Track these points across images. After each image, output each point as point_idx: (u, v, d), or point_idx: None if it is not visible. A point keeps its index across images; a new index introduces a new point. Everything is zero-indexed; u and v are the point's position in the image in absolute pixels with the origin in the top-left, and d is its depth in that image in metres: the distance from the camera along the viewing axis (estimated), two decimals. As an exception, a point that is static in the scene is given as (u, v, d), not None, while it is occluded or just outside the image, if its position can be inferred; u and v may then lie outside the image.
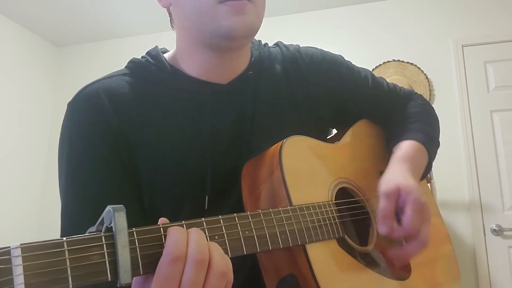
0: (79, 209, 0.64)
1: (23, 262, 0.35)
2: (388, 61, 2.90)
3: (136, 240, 0.42)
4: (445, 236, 0.91)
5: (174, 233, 0.43)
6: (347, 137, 0.84)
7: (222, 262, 0.44)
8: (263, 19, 0.70)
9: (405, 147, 0.80)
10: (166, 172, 0.67)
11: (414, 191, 0.68)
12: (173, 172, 0.67)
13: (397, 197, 0.69)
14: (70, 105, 0.69)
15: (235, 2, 0.62)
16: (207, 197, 0.67)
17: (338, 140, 0.82)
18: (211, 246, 0.45)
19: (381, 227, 0.66)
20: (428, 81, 2.80)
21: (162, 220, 0.47)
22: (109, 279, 0.39)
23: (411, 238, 0.67)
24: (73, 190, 0.65)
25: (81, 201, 0.64)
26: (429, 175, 2.31)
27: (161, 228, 0.44)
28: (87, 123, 0.65)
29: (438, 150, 0.89)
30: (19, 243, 0.35)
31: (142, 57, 0.74)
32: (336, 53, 0.88)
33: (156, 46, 0.76)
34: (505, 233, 2.50)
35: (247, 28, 0.64)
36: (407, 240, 0.68)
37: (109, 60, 3.35)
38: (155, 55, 0.73)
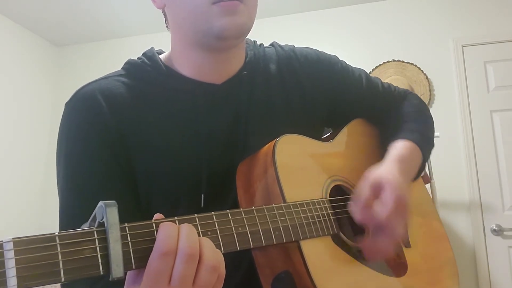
0: (76, 208, 0.64)
1: (15, 255, 0.35)
2: (388, 61, 2.91)
3: (128, 235, 0.42)
4: (442, 234, 0.91)
5: (164, 228, 0.44)
6: (342, 135, 0.84)
7: (213, 256, 0.45)
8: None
9: (399, 147, 0.79)
10: (162, 172, 0.67)
11: (398, 187, 0.67)
12: (169, 172, 0.67)
13: (379, 190, 0.67)
14: (67, 105, 0.69)
15: (227, 2, 0.63)
16: (203, 195, 0.67)
17: (333, 139, 0.82)
18: (201, 241, 0.45)
19: (355, 212, 0.66)
20: (428, 81, 2.80)
21: (157, 216, 0.47)
22: (101, 273, 0.39)
23: (383, 230, 0.65)
24: (71, 190, 0.65)
25: (78, 200, 0.64)
26: (429, 175, 2.31)
27: (154, 224, 0.45)
28: (84, 123, 0.66)
29: (438, 150, 0.89)
30: (11, 237, 0.36)
31: (138, 58, 0.75)
32: (333, 53, 0.88)
33: (152, 48, 0.76)
34: (505, 233, 2.50)
35: (238, 28, 0.65)
36: (379, 231, 0.66)
37: (109, 60, 3.36)
38: (150, 56, 0.73)
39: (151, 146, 0.67)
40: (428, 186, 2.24)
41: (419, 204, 0.91)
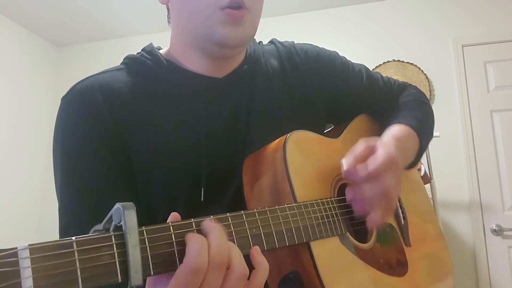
0: (76, 205, 0.63)
1: (31, 264, 0.33)
2: (388, 61, 2.91)
3: (146, 239, 0.40)
4: (439, 233, 0.92)
5: (194, 243, 0.41)
6: (347, 132, 0.83)
7: (242, 264, 0.44)
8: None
9: (394, 129, 0.78)
10: (161, 167, 0.66)
11: (391, 150, 0.65)
12: (168, 167, 0.66)
13: (372, 151, 0.66)
14: (64, 100, 0.68)
15: (233, 11, 0.63)
16: (203, 189, 0.66)
17: (338, 136, 0.81)
18: (230, 247, 0.44)
19: (345, 164, 0.64)
20: (428, 81, 2.80)
21: (173, 216, 0.45)
22: (120, 280, 0.37)
23: (373, 181, 0.63)
24: (69, 187, 0.64)
25: (77, 197, 0.63)
26: (429, 175, 2.31)
27: (171, 227, 0.43)
28: (81, 119, 0.65)
29: (438, 150, 0.88)
30: (27, 244, 0.34)
31: (137, 53, 0.73)
32: (331, 50, 0.88)
33: (151, 43, 0.75)
34: (505, 233, 2.51)
35: (240, 39, 0.65)
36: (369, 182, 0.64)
37: (109, 60, 3.31)
38: (150, 51, 0.72)
39: (150, 141, 0.66)
40: (428, 186, 2.24)
41: (418, 204, 0.91)
